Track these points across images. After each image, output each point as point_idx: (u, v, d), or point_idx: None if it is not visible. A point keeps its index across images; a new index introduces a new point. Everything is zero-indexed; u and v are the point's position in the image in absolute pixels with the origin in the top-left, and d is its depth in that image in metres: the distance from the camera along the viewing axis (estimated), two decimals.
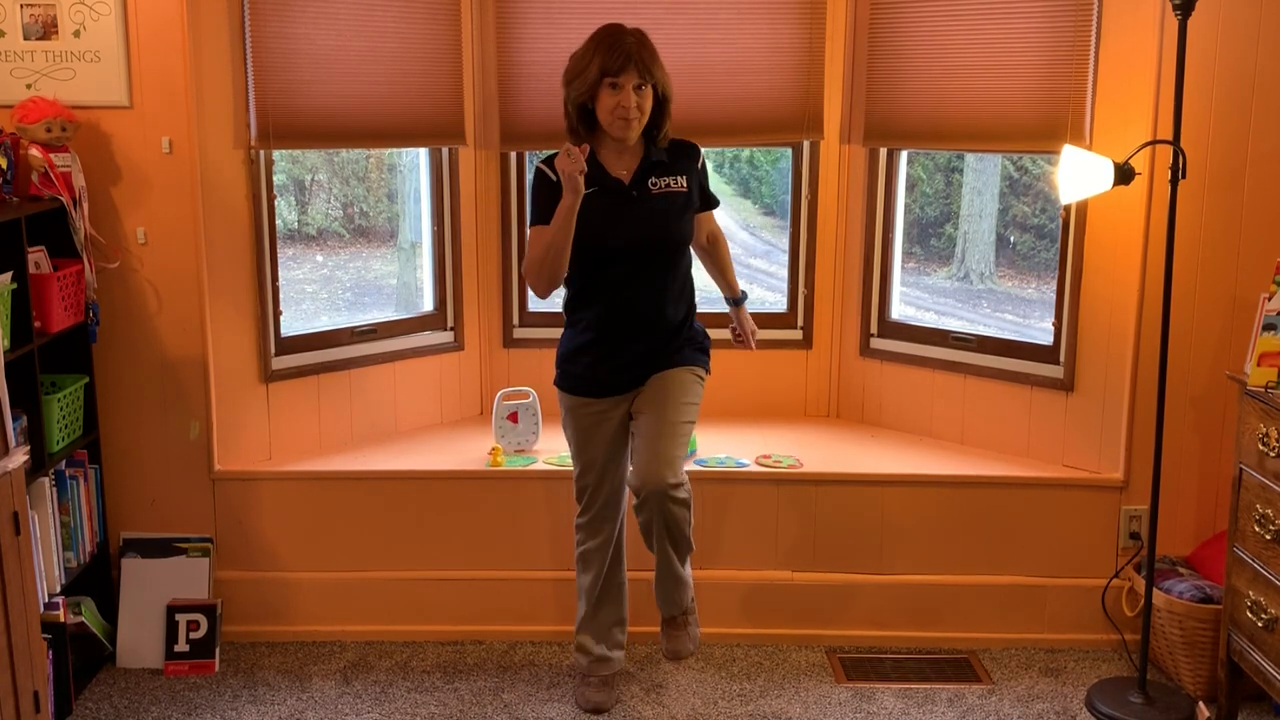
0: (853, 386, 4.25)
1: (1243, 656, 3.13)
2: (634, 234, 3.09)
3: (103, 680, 3.50)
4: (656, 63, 3.05)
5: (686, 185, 3.16)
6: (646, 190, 3.11)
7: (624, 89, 3.00)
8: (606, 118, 3.04)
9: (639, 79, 3.01)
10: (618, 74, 2.99)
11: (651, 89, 3.04)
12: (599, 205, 3.05)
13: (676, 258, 3.17)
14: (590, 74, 3.02)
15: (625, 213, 3.09)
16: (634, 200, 3.10)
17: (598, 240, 3.07)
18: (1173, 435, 3.49)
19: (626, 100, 3.00)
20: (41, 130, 3.28)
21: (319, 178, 4.47)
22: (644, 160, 3.12)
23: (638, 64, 3.00)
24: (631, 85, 3.00)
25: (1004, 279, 4.71)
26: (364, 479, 3.71)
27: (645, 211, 3.10)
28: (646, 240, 3.10)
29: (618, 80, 3.00)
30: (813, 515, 3.70)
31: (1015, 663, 3.63)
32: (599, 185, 3.07)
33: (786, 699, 3.41)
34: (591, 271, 3.12)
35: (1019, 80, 3.69)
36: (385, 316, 4.17)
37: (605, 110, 3.04)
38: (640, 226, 3.09)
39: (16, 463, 2.68)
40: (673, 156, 3.17)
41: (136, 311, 3.56)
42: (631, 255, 3.10)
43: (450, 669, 3.57)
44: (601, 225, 3.06)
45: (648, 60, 3.02)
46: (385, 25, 3.80)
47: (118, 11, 3.39)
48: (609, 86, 3.01)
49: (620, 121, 3.03)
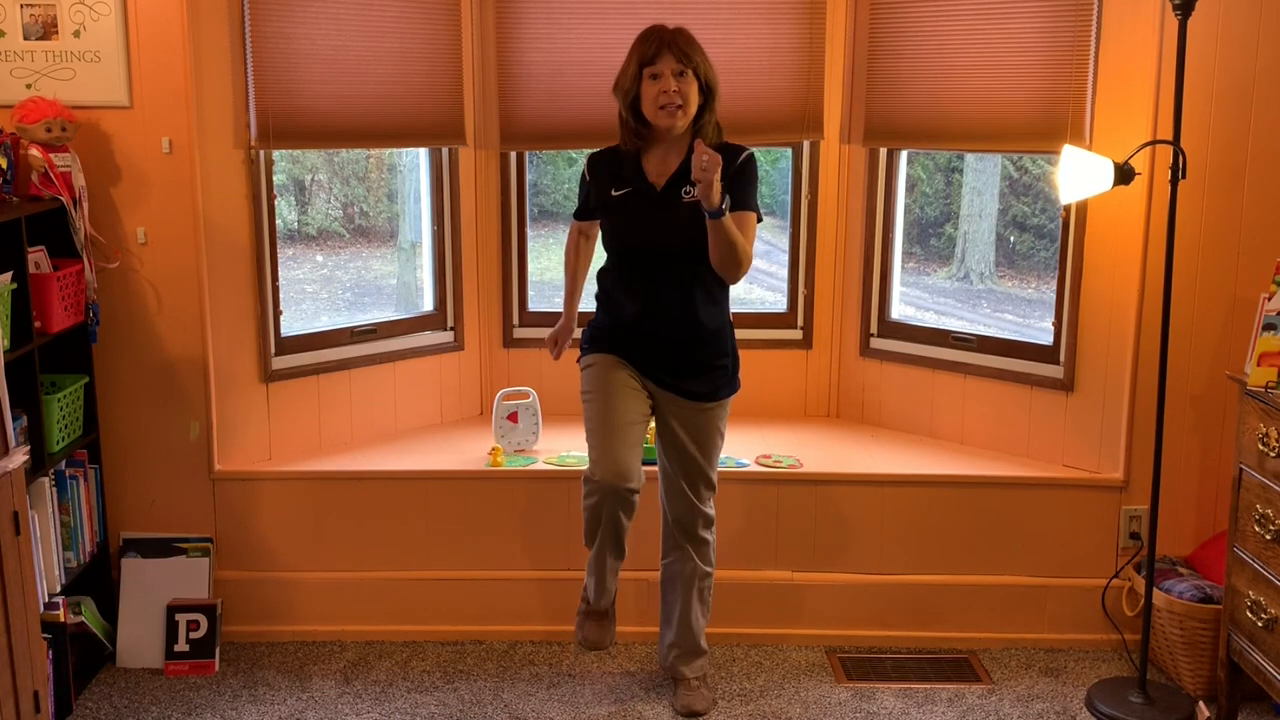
0: (853, 386, 4.25)
1: (1242, 656, 3.13)
2: (652, 238, 3.10)
3: (103, 680, 3.50)
4: (696, 50, 3.05)
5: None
6: (676, 197, 3.09)
7: (663, 76, 3.00)
8: (651, 110, 3.04)
9: (678, 64, 3.00)
10: (654, 61, 3.00)
11: (694, 77, 3.03)
12: (628, 206, 3.11)
13: (700, 266, 3.09)
14: (630, 70, 3.05)
15: (649, 216, 3.10)
16: (660, 205, 3.10)
17: (620, 240, 3.15)
18: (1173, 435, 3.50)
19: (667, 85, 3.00)
20: (41, 130, 3.28)
21: (319, 178, 4.47)
22: (681, 165, 3.09)
23: (673, 49, 3.01)
24: (670, 72, 3.00)
25: (1004, 279, 4.71)
26: (364, 479, 3.71)
27: (669, 218, 3.08)
28: (664, 245, 3.09)
29: (656, 69, 3.00)
30: (813, 515, 3.70)
31: (1015, 663, 3.63)
32: (632, 187, 3.11)
33: (786, 699, 3.41)
34: (621, 268, 3.18)
35: (1019, 80, 3.69)
36: (385, 316, 4.17)
37: (649, 102, 3.04)
38: (660, 232, 3.09)
39: (16, 463, 2.68)
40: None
41: (136, 311, 3.56)
42: (652, 257, 3.12)
43: (450, 669, 3.57)
44: (624, 226, 3.13)
45: (684, 45, 3.02)
46: (385, 25, 3.80)
47: (118, 11, 3.40)
48: (649, 78, 3.02)
49: (664, 111, 3.02)
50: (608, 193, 3.16)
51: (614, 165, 3.18)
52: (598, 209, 3.22)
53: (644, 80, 3.03)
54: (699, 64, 3.04)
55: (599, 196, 3.19)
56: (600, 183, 3.19)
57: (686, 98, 3.02)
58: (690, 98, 3.03)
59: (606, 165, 3.20)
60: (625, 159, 3.16)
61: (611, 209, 3.16)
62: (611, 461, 3.06)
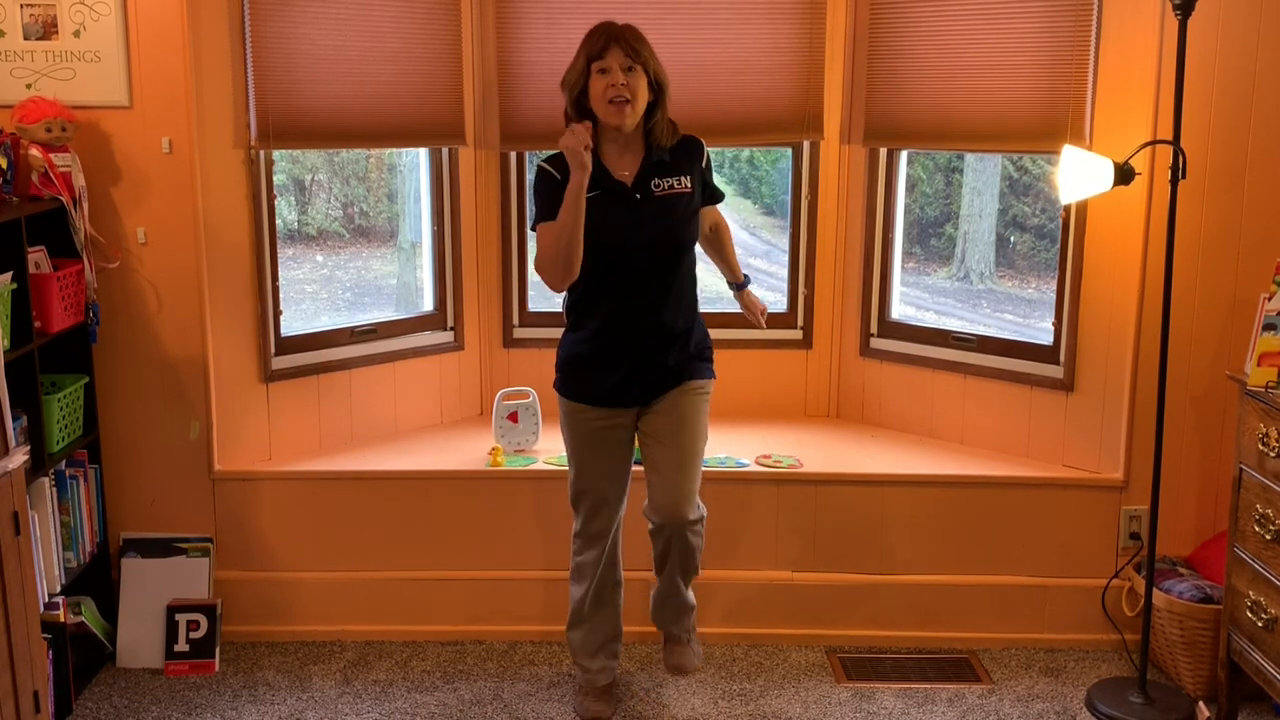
0: (853, 386, 4.25)
1: (1243, 656, 3.13)
2: (638, 237, 3.02)
3: (103, 680, 3.51)
4: (644, 45, 3.00)
5: (690, 185, 3.09)
6: (650, 192, 3.04)
7: (612, 70, 2.95)
8: (600, 106, 2.98)
9: (626, 59, 2.95)
10: (602, 55, 2.95)
11: (643, 73, 2.98)
12: (602, 208, 2.99)
13: (681, 260, 3.09)
14: (578, 65, 3.00)
15: (629, 216, 3.02)
16: (637, 203, 3.03)
17: (601, 244, 3.00)
18: (1173, 435, 3.50)
19: (615, 79, 2.94)
20: (41, 130, 3.28)
21: (319, 178, 4.47)
22: (645, 160, 3.05)
23: (621, 44, 2.96)
24: (619, 66, 2.95)
25: (1004, 279, 4.71)
26: (364, 479, 3.71)
27: (649, 214, 3.03)
28: (651, 244, 3.04)
29: (604, 63, 2.95)
30: (813, 515, 3.70)
31: (1015, 663, 3.63)
32: (601, 188, 3.01)
33: (786, 699, 3.41)
34: (595, 275, 3.05)
35: (1019, 80, 3.69)
36: (385, 316, 4.17)
37: (597, 97, 2.98)
38: (644, 230, 3.03)
39: (16, 463, 2.68)
40: (675, 155, 3.09)
41: (136, 311, 3.56)
42: (636, 259, 3.04)
43: (450, 669, 3.57)
44: (604, 229, 2.99)
45: (632, 40, 2.98)
46: (385, 25, 3.80)
47: (118, 11, 3.40)
48: (598, 73, 2.97)
49: (613, 107, 2.96)
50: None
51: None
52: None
53: (592, 75, 2.98)
54: (648, 59, 2.99)
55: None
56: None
57: (635, 92, 2.96)
58: (639, 92, 2.97)
59: (568, 167, 3.03)
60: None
61: (586, 211, 2.99)
62: (603, 523, 3.18)
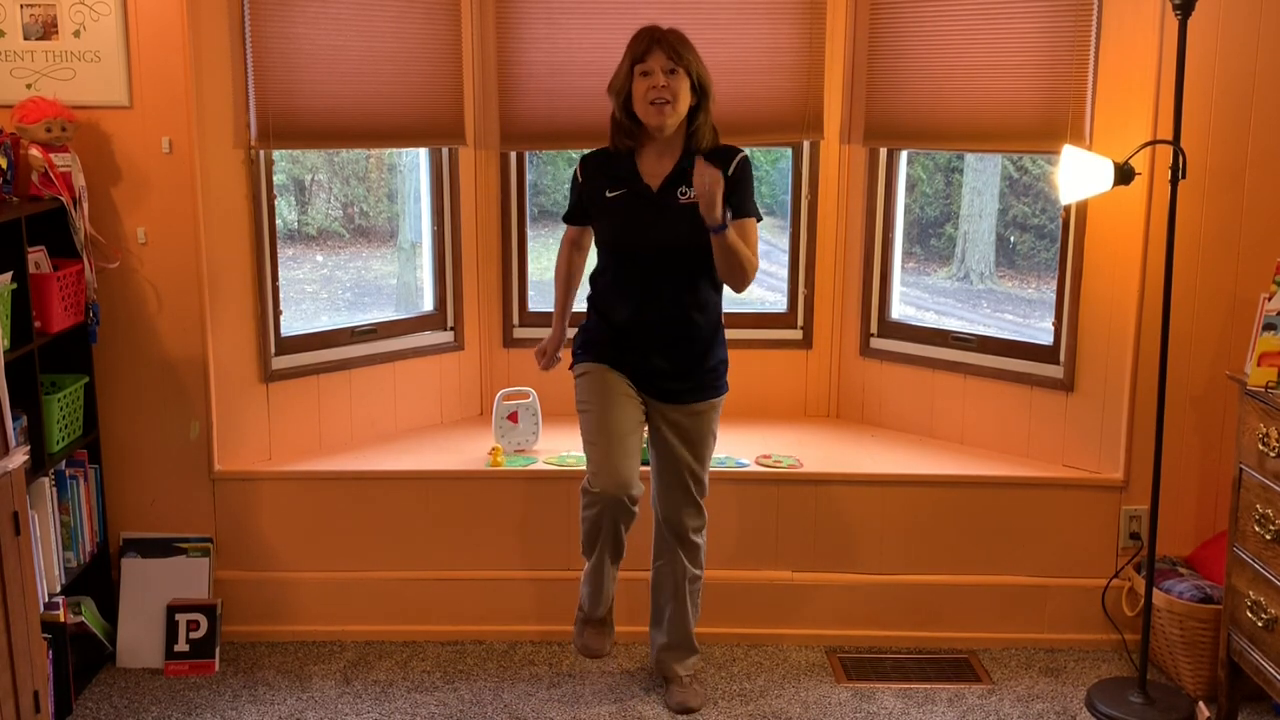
0: (853, 386, 4.25)
1: (1243, 656, 3.13)
2: (649, 239, 3.08)
3: (103, 680, 3.50)
4: (688, 49, 3.04)
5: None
6: (673, 198, 3.08)
7: (654, 72, 2.99)
8: (641, 106, 3.03)
9: (668, 62, 2.99)
10: (645, 58, 3.00)
11: (686, 75, 3.02)
12: (623, 207, 3.09)
13: (695, 266, 3.09)
14: (624, 68, 3.05)
15: (645, 218, 3.09)
16: (656, 207, 3.08)
17: (616, 241, 3.13)
18: (1173, 435, 3.50)
19: (656, 81, 2.99)
20: (41, 130, 3.28)
21: (319, 178, 4.47)
22: (677, 166, 3.09)
23: (664, 46, 3.00)
24: (661, 69, 2.99)
25: (1004, 279, 4.71)
26: (364, 479, 3.71)
27: (665, 219, 3.07)
28: (660, 247, 3.08)
29: (647, 65, 3.00)
30: (813, 515, 3.70)
31: (1015, 663, 3.63)
32: (628, 188, 3.10)
33: (786, 699, 3.41)
34: (614, 271, 3.16)
35: (1019, 80, 3.69)
36: (385, 316, 4.17)
37: (639, 99, 3.03)
38: (657, 233, 3.08)
39: (16, 463, 2.68)
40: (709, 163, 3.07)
41: (136, 311, 3.56)
42: (647, 259, 3.10)
43: (450, 669, 3.57)
44: (621, 227, 3.11)
45: (675, 43, 3.02)
46: (385, 25, 3.80)
47: (118, 11, 3.39)
48: (640, 75, 3.01)
49: (653, 108, 3.00)
50: (602, 194, 3.15)
51: (608, 166, 3.17)
52: (590, 211, 3.21)
53: (635, 78, 3.02)
54: (691, 63, 3.02)
55: (592, 198, 3.18)
56: (593, 184, 3.18)
57: (676, 94, 3.00)
58: (680, 95, 3.01)
59: (600, 166, 3.19)
60: (620, 160, 3.15)
61: (606, 211, 3.15)
62: (612, 472, 3.06)
